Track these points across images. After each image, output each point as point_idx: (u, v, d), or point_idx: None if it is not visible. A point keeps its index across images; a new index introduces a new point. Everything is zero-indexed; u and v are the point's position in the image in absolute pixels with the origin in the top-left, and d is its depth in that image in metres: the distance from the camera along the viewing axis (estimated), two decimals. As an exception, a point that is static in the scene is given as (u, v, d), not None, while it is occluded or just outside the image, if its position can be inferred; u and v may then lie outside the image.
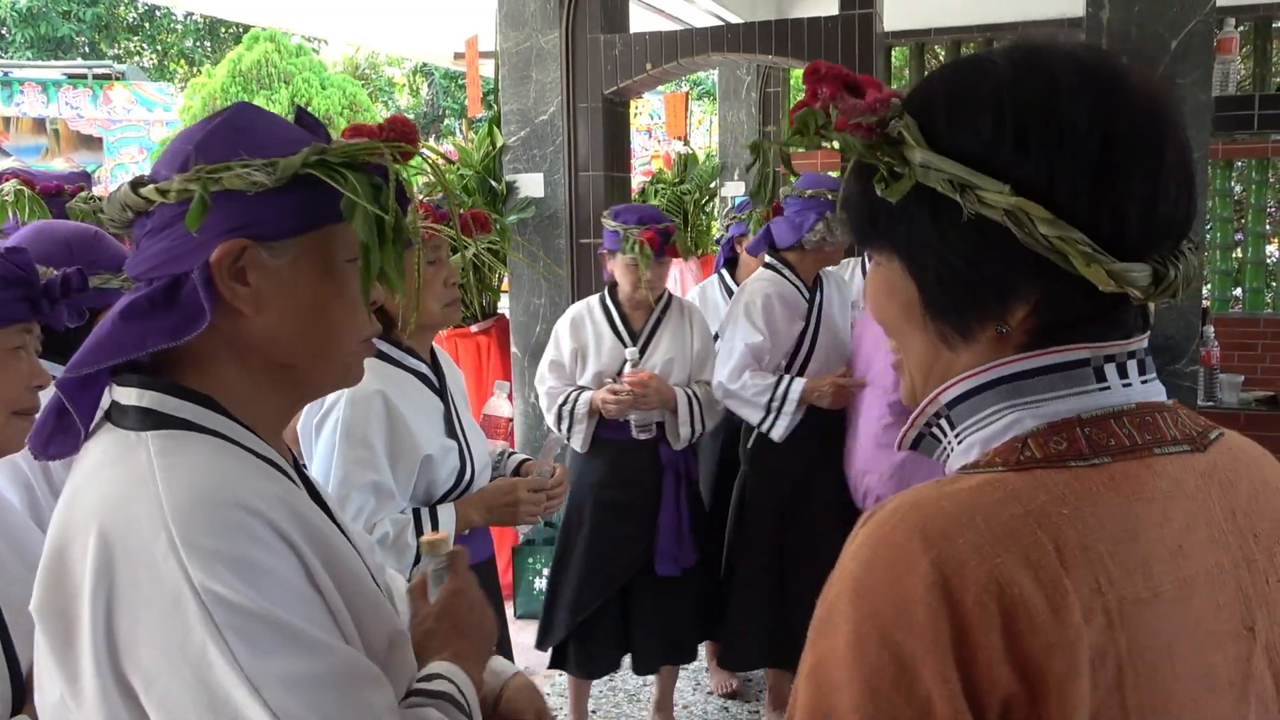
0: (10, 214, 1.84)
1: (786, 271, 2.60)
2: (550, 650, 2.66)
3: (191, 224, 0.72)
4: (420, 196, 2.93)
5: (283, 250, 0.76)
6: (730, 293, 3.02)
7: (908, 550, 0.54)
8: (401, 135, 0.81)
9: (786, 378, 2.54)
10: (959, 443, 0.64)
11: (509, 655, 1.90)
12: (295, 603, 0.69)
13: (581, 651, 2.60)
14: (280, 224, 0.75)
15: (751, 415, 2.55)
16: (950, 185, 0.58)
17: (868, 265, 3.24)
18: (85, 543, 0.68)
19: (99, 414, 0.77)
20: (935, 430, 0.66)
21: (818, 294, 2.62)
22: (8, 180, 1.87)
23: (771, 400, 2.51)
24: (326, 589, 0.72)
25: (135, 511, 0.68)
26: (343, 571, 0.76)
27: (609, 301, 2.59)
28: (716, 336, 2.86)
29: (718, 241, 3.68)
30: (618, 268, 2.53)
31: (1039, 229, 0.56)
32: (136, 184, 0.76)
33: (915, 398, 0.67)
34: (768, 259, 2.64)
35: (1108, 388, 0.60)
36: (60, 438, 0.78)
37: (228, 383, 0.78)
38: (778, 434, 2.52)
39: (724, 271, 3.06)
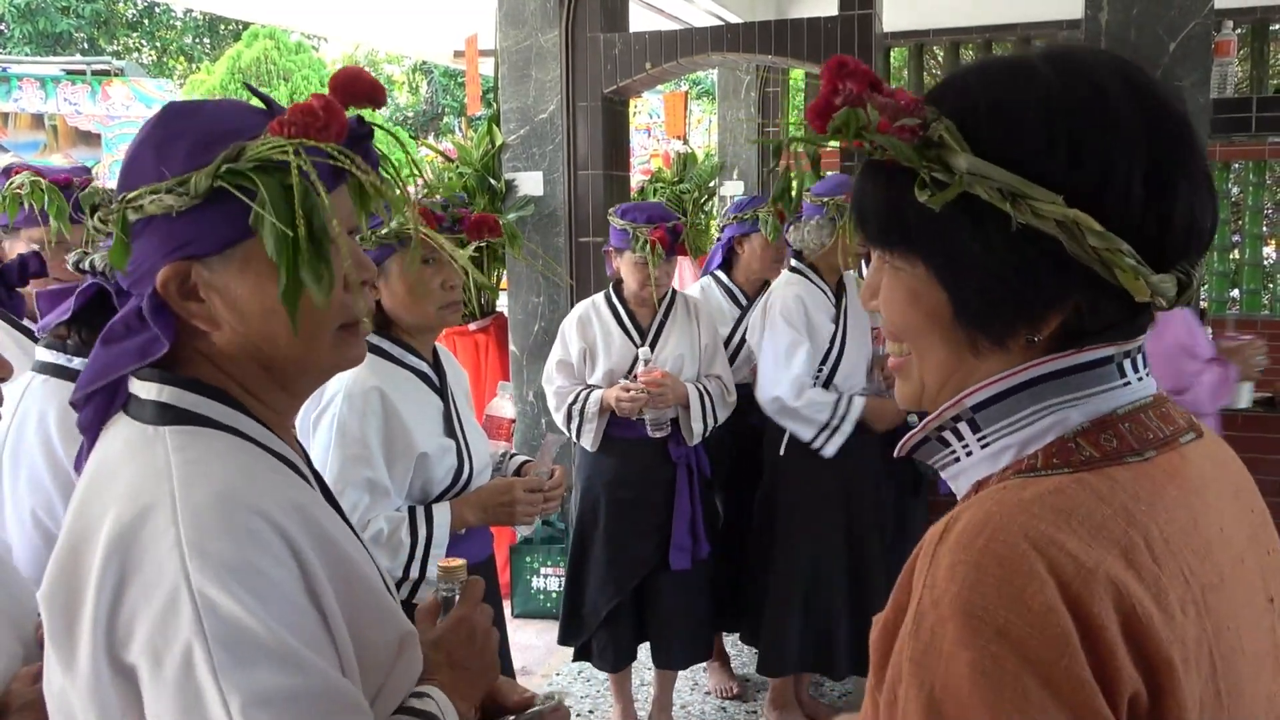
0: (25, 205, 1.83)
1: (811, 275, 2.59)
2: (575, 647, 2.69)
3: (116, 262, 0.72)
4: (419, 197, 2.92)
5: (224, 263, 0.74)
6: (731, 294, 2.99)
7: (1020, 560, 0.52)
8: (303, 129, 0.71)
9: (846, 397, 2.51)
10: (982, 446, 0.63)
11: (507, 654, 1.90)
12: (290, 616, 0.68)
13: (605, 646, 2.62)
14: (213, 238, 0.73)
15: (806, 431, 2.51)
16: (999, 194, 0.56)
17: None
18: (99, 534, 0.68)
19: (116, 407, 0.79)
20: (946, 435, 0.65)
21: (843, 297, 2.62)
22: (18, 174, 1.87)
23: (831, 419, 2.48)
24: (327, 603, 0.72)
25: (148, 507, 0.68)
26: (351, 576, 0.75)
27: (615, 299, 2.59)
28: (732, 341, 2.84)
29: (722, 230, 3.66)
30: (625, 265, 2.52)
31: (1089, 240, 0.55)
32: (94, 210, 0.77)
33: (921, 402, 0.66)
34: (793, 263, 2.64)
35: (1129, 383, 0.61)
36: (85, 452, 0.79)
37: (238, 379, 0.78)
38: (829, 451, 2.49)
39: (719, 273, 3.04)
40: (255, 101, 0.79)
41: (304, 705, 0.67)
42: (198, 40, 17.06)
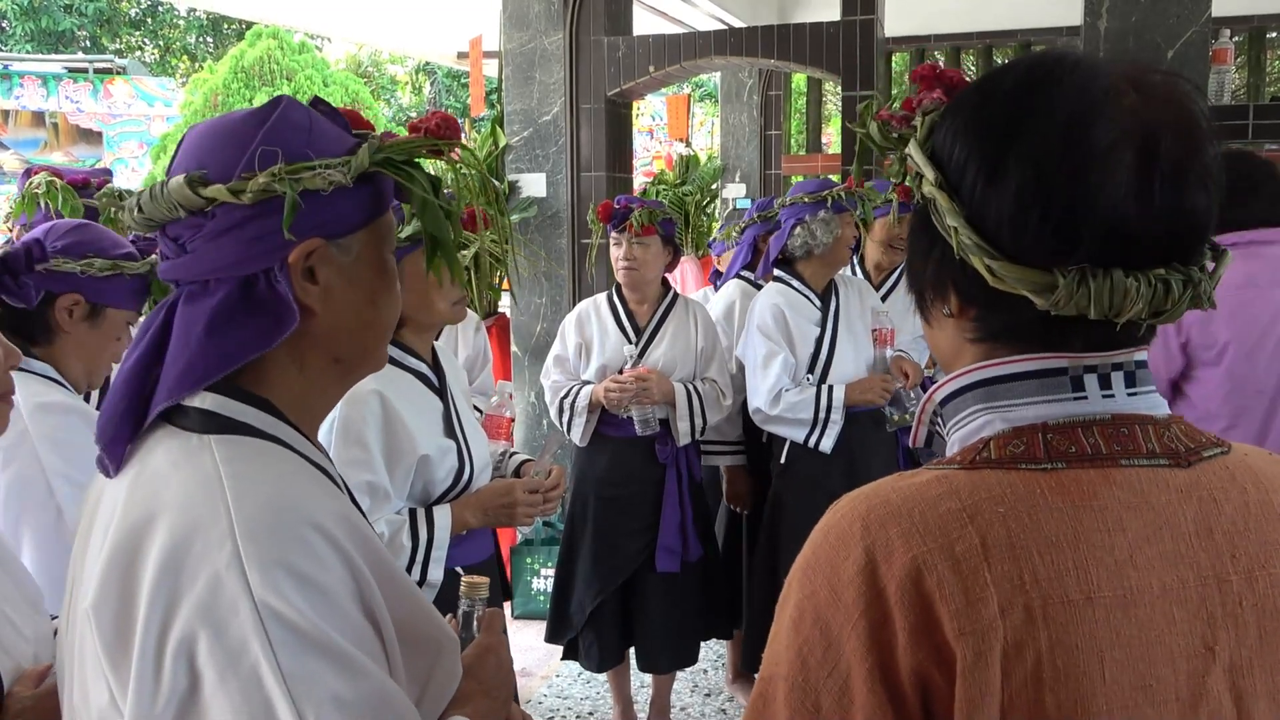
0: (41, 205, 1.84)
1: (795, 282, 2.61)
2: (562, 645, 2.70)
3: (288, 226, 0.72)
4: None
5: (348, 246, 0.78)
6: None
7: (848, 536, 0.59)
8: (454, 132, 0.86)
9: (825, 388, 2.51)
10: (949, 440, 0.67)
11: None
12: (347, 626, 0.69)
13: (590, 645, 2.63)
14: (348, 220, 0.77)
15: (796, 433, 2.51)
16: (914, 172, 0.65)
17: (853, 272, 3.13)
18: (150, 545, 0.68)
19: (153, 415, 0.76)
20: (938, 427, 0.69)
21: (832, 300, 2.61)
22: (37, 174, 1.88)
23: (817, 412, 2.48)
24: (379, 610, 0.72)
25: (201, 518, 0.68)
26: (395, 583, 0.75)
27: (615, 298, 2.62)
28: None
29: (710, 244, 3.67)
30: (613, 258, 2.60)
31: (945, 218, 0.61)
32: (194, 182, 0.74)
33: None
34: (777, 271, 2.65)
35: (1085, 397, 0.61)
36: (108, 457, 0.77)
37: (284, 385, 0.78)
38: (827, 445, 2.49)
39: (747, 273, 3.05)
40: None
41: (369, 712, 0.67)
42: (201, 39, 17.08)
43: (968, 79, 0.68)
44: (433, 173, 0.84)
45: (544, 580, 3.54)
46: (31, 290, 1.39)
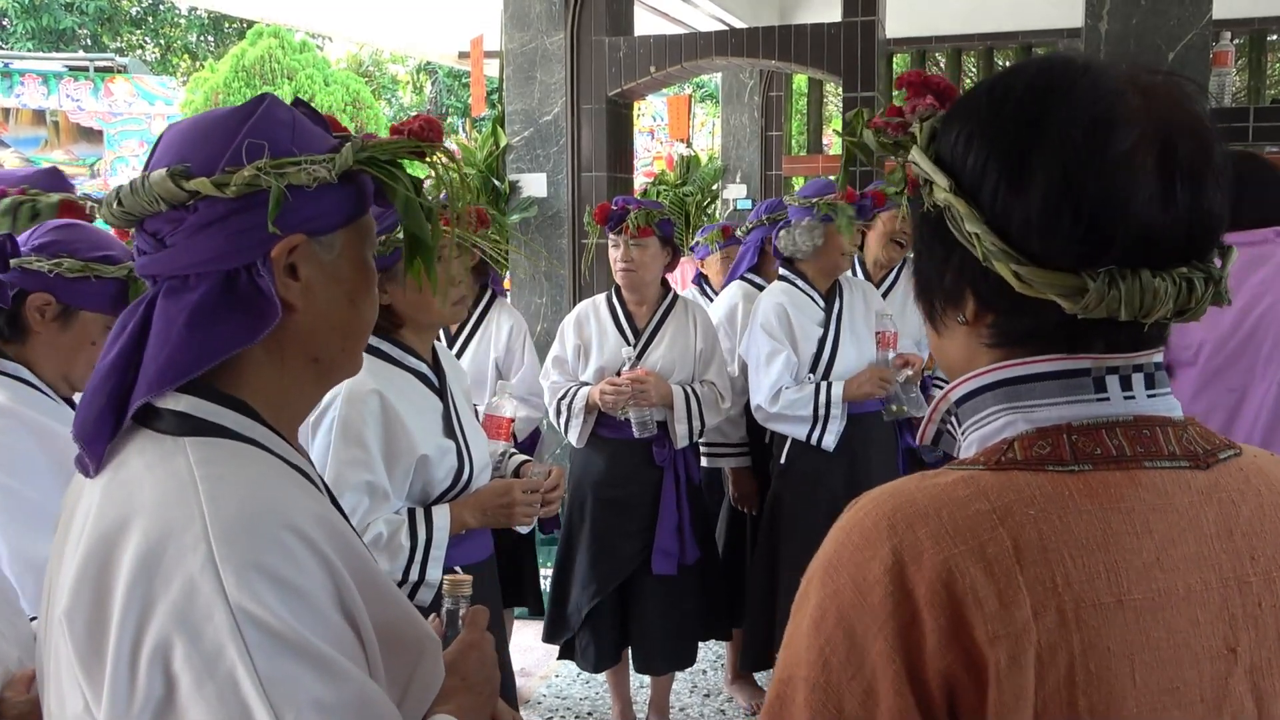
0: None
1: (799, 282, 2.62)
2: (559, 644, 2.71)
3: (273, 219, 0.72)
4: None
5: (330, 244, 0.78)
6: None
7: (874, 536, 0.58)
8: (436, 134, 0.87)
9: (824, 384, 2.52)
10: (964, 439, 0.66)
11: (506, 656, 1.91)
12: (325, 629, 0.68)
13: (587, 645, 2.63)
14: (331, 218, 0.77)
15: (798, 430, 2.52)
16: (922, 179, 0.64)
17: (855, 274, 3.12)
18: (123, 551, 0.67)
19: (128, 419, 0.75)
20: (949, 426, 0.69)
21: (836, 301, 2.62)
22: None
23: (817, 409, 2.49)
24: (358, 613, 0.72)
25: (175, 522, 0.67)
26: (375, 585, 0.75)
27: (615, 299, 2.62)
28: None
29: (692, 248, 3.67)
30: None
31: (964, 225, 0.60)
32: (177, 175, 0.73)
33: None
34: (782, 271, 2.67)
35: (1107, 399, 0.61)
36: (86, 456, 0.75)
37: (261, 385, 0.77)
38: (830, 442, 2.49)
39: (751, 275, 3.04)
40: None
41: (350, 715, 0.67)
42: (202, 38, 17.09)
43: (959, 85, 0.68)
44: (429, 175, 0.84)
45: (544, 581, 3.54)
46: (5, 289, 1.36)
